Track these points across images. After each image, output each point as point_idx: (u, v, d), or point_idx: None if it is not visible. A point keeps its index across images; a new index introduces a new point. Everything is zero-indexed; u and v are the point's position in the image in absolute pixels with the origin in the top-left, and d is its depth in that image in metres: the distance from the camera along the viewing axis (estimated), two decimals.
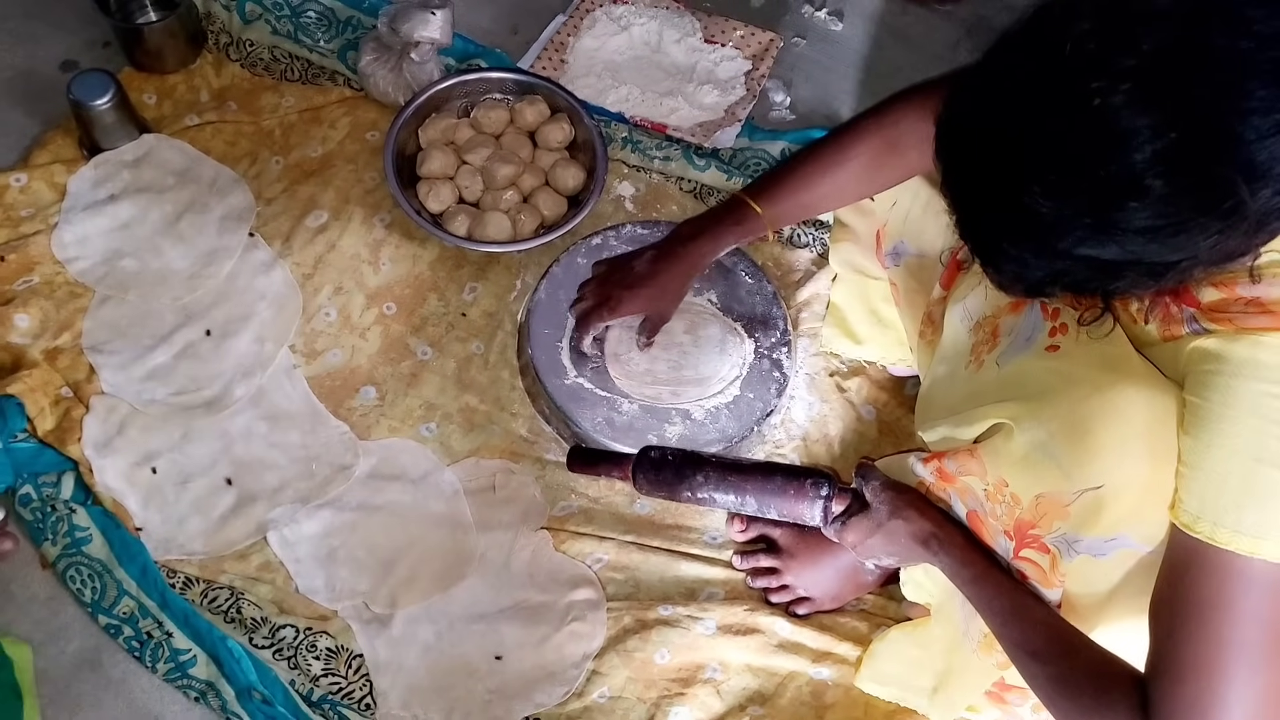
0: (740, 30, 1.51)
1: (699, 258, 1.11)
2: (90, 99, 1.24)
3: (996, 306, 0.90)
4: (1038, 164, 0.62)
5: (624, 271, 1.15)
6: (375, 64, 1.36)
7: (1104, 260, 0.63)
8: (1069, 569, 0.80)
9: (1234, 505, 0.68)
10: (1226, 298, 0.70)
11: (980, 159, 0.66)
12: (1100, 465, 0.75)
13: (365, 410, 1.20)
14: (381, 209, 1.33)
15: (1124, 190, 0.59)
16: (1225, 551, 0.68)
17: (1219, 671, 0.69)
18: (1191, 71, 0.57)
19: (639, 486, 1.03)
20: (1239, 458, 0.68)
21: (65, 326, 1.20)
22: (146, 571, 1.08)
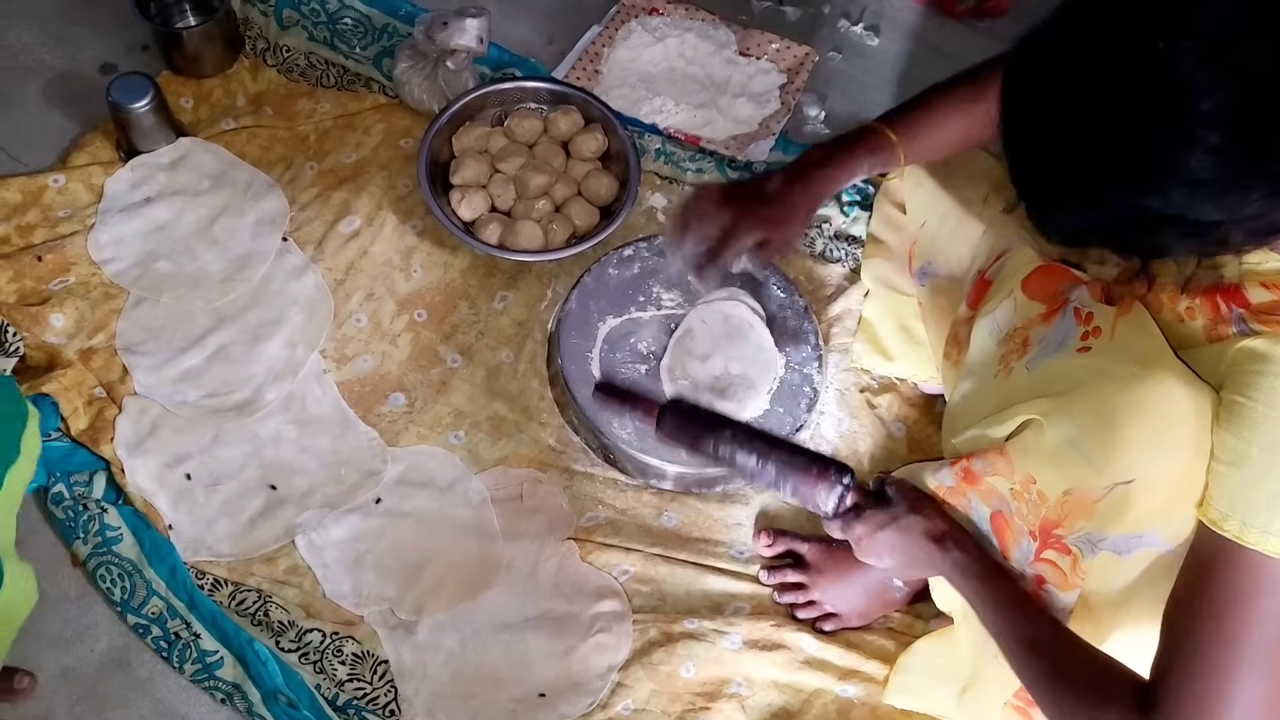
0: (776, 44, 1.50)
1: (830, 182, 1.02)
2: (129, 102, 1.25)
3: (1027, 318, 0.89)
4: (1095, 109, 0.62)
5: (751, 190, 1.03)
6: (410, 71, 1.36)
7: (1150, 214, 0.63)
8: (1090, 567, 0.80)
9: (1266, 505, 0.68)
10: (1277, 299, 0.70)
11: (1039, 103, 0.66)
12: (1130, 459, 0.74)
13: (394, 416, 1.20)
14: (414, 216, 1.33)
15: (1178, 141, 0.60)
16: (1252, 551, 0.68)
17: (1229, 669, 0.68)
18: (1256, 33, 0.58)
19: (661, 429, 0.98)
20: (1277, 458, 0.67)
21: (100, 327, 1.21)
22: (176, 572, 1.08)
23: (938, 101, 1.01)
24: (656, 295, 1.25)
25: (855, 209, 1.35)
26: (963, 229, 1.04)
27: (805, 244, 1.35)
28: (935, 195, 1.05)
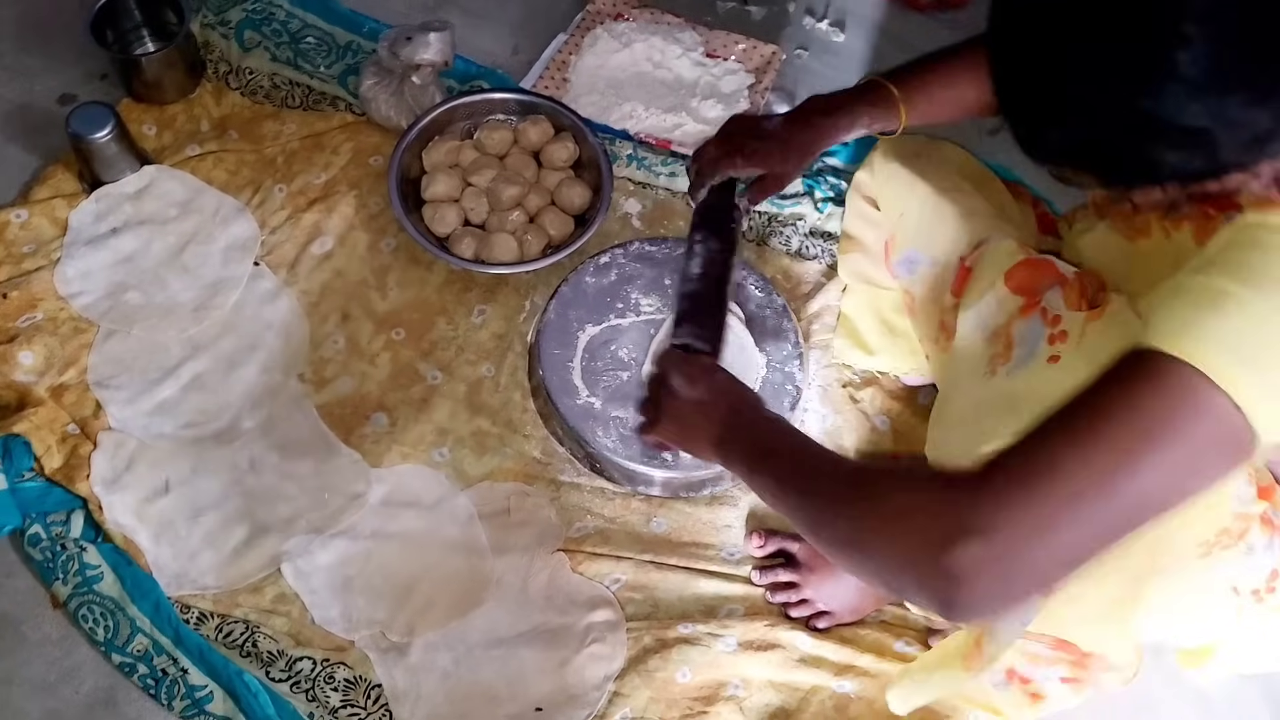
0: (742, 44, 1.50)
1: (832, 130, 1.02)
2: (89, 132, 1.24)
3: (1009, 313, 0.89)
4: (1086, 7, 0.62)
5: (753, 125, 1.06)
6: (376, 88, 1.35)
7: (1140, 120, 0.62)
8: None
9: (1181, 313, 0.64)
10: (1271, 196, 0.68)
11: (1029, 8, 0.65)
12: None
13: (377, 437, 1.19)
14: (387, 234, 1.32)
15: (1169, 36, 0.59)
16: (1160, 355, 0.63)
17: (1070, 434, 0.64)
18: None
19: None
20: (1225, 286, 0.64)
21: (70, 362, 1.19)
22: (159, 608, 1.07)
23: (943, 64, 1.00)
24: (635, 301, 1.24)
25: (829, 205, 1.36)
26: (943, 214, 1.05)
27: (781, 242, 1.35)
28: (911, 183, 1.06)
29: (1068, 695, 0.92)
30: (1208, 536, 0.79)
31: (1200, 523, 0.78)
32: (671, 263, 1.26)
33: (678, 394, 0.88)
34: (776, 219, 1.36)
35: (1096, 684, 0.91)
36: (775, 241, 1.34)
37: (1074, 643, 0.86)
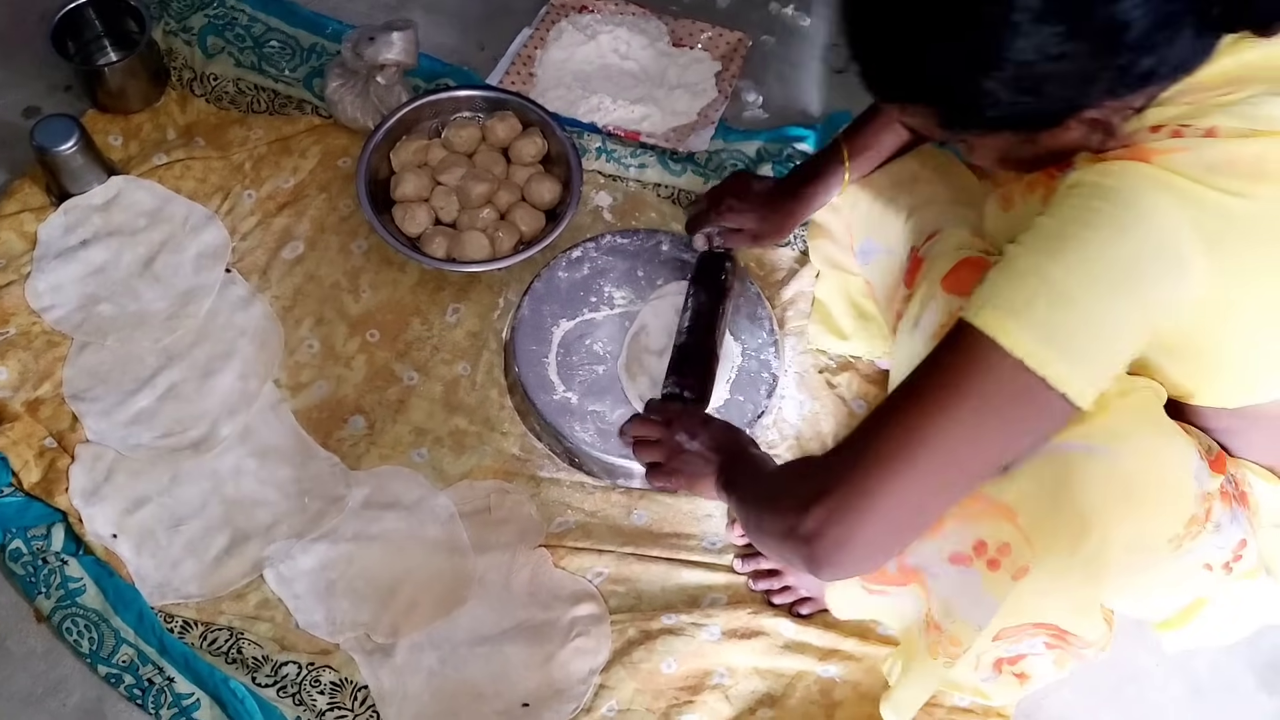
0: (708, 32, 1.50)
1: (814, 197, 1.14)
2: (55, 144, 1.23)
3: (949, 314, 0.89)
4: None
5: (742, 186, 1.19)
6: (342, 90, 1.35)
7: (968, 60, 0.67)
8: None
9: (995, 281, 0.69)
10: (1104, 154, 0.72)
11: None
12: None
13: (355, 440, 1.19)
14: (358, 236, 1.32)
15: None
16: (975, 330, 0.68)
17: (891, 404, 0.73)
18: None
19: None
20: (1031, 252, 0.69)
21: (45, 376, 1.19)
22: (143, 618, 1.07)
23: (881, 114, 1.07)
24: (609, 295, 1.24)
25: None
26: (896, 204, 1.05)
27: None
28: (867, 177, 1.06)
29: (1052, 669, 0.93)
30: (1178, 530, 0.79)
31: (1170, 518, 0.78)
32: (644, 254, 1.26)
33: (682, 446, 1.03)
34: None
35: (1078, 655, 0.92)
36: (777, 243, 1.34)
37: (1051, 623, 0.87)
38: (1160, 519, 0.78)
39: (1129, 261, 0.67)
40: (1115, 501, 0.75)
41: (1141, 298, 0.68)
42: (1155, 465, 0.77)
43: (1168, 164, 0.68)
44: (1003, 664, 0.94)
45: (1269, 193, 0.68)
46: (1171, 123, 0.70)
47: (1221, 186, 0.67)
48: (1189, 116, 0.70)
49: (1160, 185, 0.67)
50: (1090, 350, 0.68)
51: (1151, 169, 0.68)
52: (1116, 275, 0.67)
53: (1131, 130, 0.71)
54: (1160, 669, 1.14)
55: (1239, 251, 0.68)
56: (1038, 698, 1.08)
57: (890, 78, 0.73)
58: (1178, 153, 0.68)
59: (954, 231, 0.97)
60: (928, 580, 0.84)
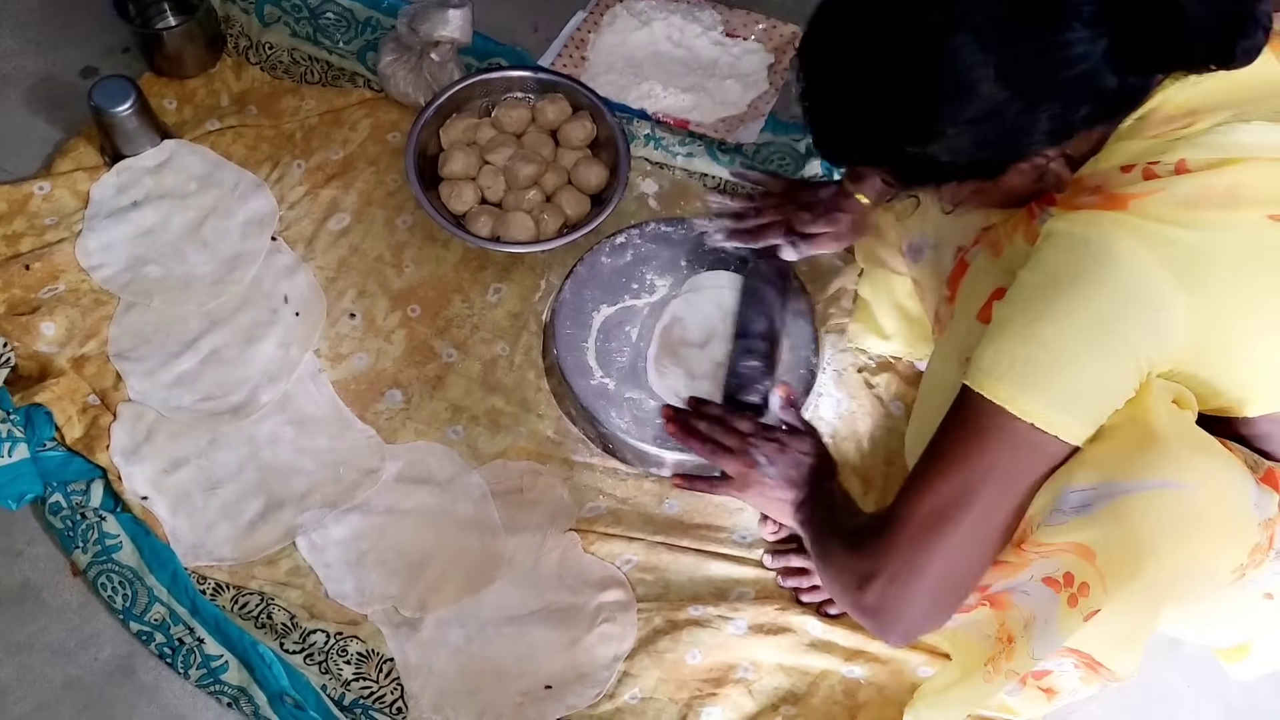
0: (762, 23, 1.49)
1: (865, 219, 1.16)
2: (111, 105, 1.24)
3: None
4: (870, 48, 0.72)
5: (808, 196, 1.19)
6: (395, 64, 1.35)
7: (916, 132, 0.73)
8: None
9: (994, 349, 0.75)
10: (1076, 188, 0.76)
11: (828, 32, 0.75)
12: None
13: (391, 414, 1.20)
14: (404, 211, 1.32)
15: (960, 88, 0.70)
16: (979, 396, 0.75)
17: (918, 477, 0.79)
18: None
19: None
20: (1021, 313, 0.75)
21: (91, 334, 1.20)
22: (177, 578, 1.08)
23: None
24: (650, 282, 1.24)
25: None
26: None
27: None
28: None
29: (1080, 686, 0.92)
30: (1242, 560, 0.78)
31: (1234, 549, 0.77)
32: (688, 243, 1.26)
33: (759, 466, 1.02)
34: None
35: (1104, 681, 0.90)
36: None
37: (1088, 653, 0.86)
38: (1228, 551, 0.77)
39: (1107, 311, 0.72)
40: (1187, 537, 0.74)
41: (1126, 342, 0.73)
42: (1223, 496, 0.75)
43: (1143, 208, 0.72)
44: (1028, 677, 0.93)
45: (1246, 218, 0.71)
46: (1140, 160, 0.73)
47: (1196, 223, 0.71)
48: (1156, 153, 0.73)
49: (1130, 230, 0.72)
50: (1088, 400, 0.74)
51: (1124, 216, 0.72)
52: (1099, 326, 0.72)
53: (1103, 170, 0.75)
54: (1191, 689, 1.12)
55: (1219, 283, 0.72)
56: (1065, 713, 1.07)
57: (841, 149, 0.80)
58: (1153, 194, 0.72)
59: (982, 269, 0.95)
60: (1013, 599, 0.83)
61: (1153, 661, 0.96)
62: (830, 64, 0.75)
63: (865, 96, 0.73)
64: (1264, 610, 0.84)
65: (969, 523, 0.77)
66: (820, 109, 0.77)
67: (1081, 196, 0.75)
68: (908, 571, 0.78)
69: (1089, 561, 0.77)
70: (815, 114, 0.78)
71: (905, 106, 0.72)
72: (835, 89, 0.75)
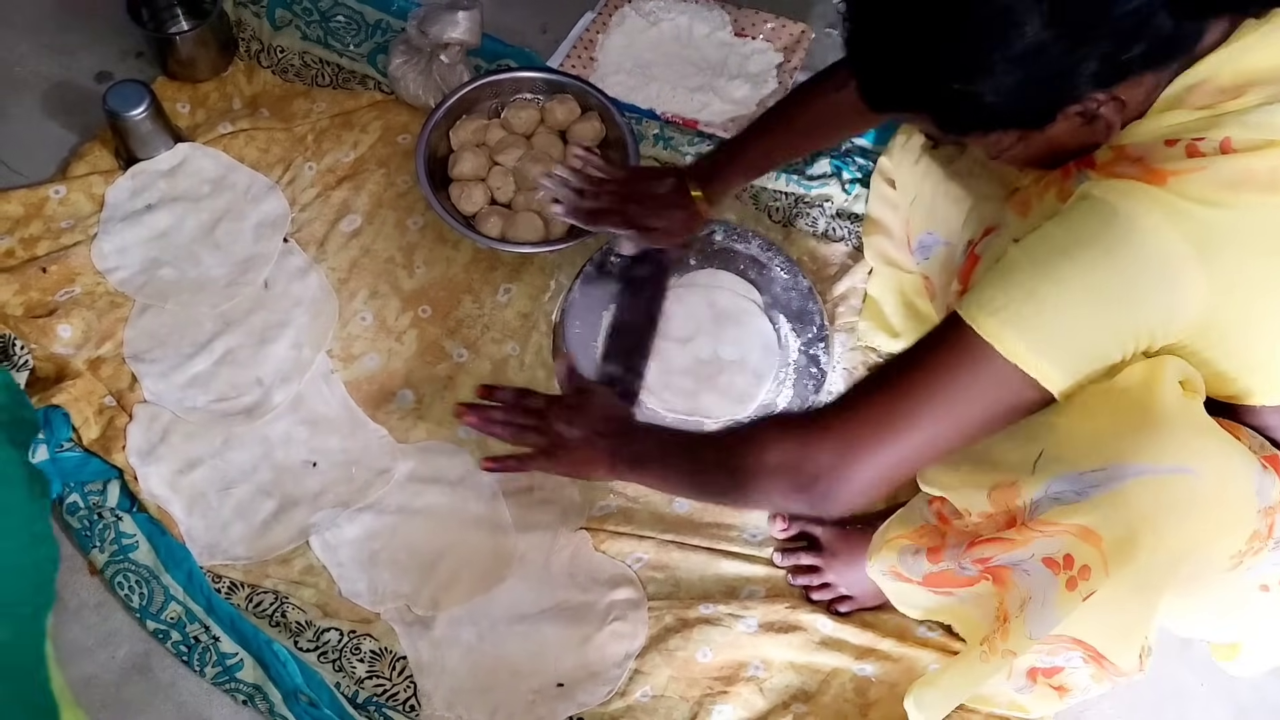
0: (771, 23, 1.49)
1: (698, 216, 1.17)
2: (126, 109, 1.25)
3: None
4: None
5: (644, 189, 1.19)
6: (405, 67, 1.36)
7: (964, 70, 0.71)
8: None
9: (991, 284, 0.75)
10: (1117, 155, 0.75)
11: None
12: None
13: (403, 413, 1.21)
14: (414, 212, 1.33)
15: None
16: (967, 327, 0.74)
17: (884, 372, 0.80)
18: None
19: None
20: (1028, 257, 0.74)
21: (107, 336, 1.22)
22: (192, 577, 1.09)
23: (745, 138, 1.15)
24: None
25: (856, 186, 1.34)
26: (953, 197, 1.04)
27: (808, 224, 1.34)
28: (926, 167, 1.05)
29: (1091, 683, 0.92)
30: (1240, 546, 0.78)
31: (1233, 535, 0.77)
32: (697, 242, 1.26)
33: (563, 434, 1.01)
34: (804, 200, 1.35)
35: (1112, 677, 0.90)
36: (802, 223, 1.34)
37: (1090, 644, 0.86)
38: (1227, 537, 0.77)
39: (1115, 279, 0.72)
40: (1189, 522, 0.74)
41: (1127, 310, 0.73)
42: (1226, 482, 0.75)
43: (1182, 186, 0.71)
44: (1038, 674, 0.93)
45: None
46: (1185, 135, 0.72)
47: (1231, 204, 0.70)
48: (1202, 128, 0.71)
49: (1161, 206, 0.71)
50: (1074, 354, 0.74)
51: (1159, 192, 0.71)
52: (1103, 290, 0.72)
53: (1147, 141, 0.73)
54: (1204, 688, 1.12)
55: (1242, 263, 0.71)
56: (1077, 711, 1.07)
57: (885, 90, 0.78)
58: (1194, 173, 0.71)
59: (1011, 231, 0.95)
60: (1014, 576, 0.83)
61: (1164, 660, 0.96)
62: (876, 3, 0.74)
63: (911, 33, 0.72)
64: (1260, 603, 0.84)
65: (917, 432, 0.78)
66: (866, 50, 0.76)
67: (1122, 165, 0.74)
68: (861, 442, 0.79)
69: (1093, 545, 0.77)
70: (861, 56, 0.77)
71: (952, 42, 0.71)
72: (881, 28, 0.74)
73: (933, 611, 1.02)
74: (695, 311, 1.21)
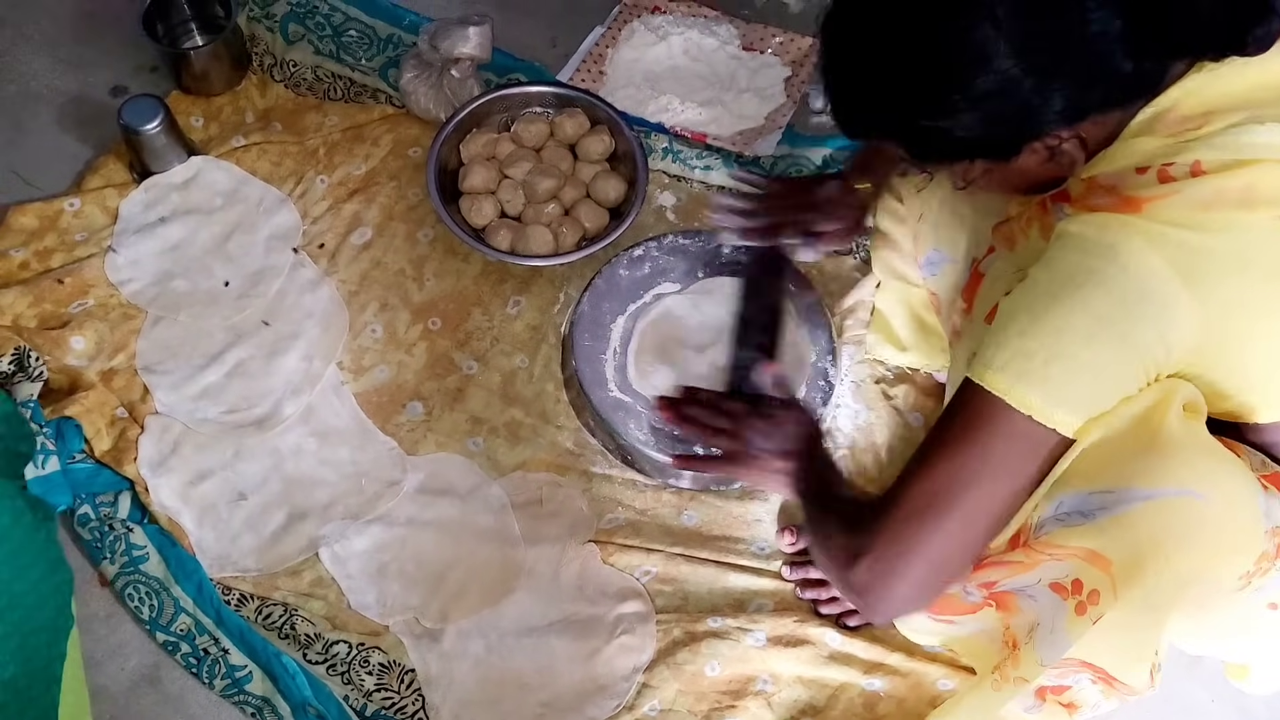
0: (779, 36, 1.50)
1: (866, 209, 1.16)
2: (140, 124, 1.27)
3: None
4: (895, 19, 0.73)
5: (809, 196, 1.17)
6: (416, 81, 1.37)
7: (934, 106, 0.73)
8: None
9: (997, 344, 0.75)
10: (1090, 187, 0.76)
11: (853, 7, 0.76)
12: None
13: (412, 425, 1.21)
14: (425, 225, 1.34)
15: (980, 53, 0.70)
16: (977, 386, 0.75)
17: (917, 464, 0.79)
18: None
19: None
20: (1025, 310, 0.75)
21: (120, 348, 1.22)
22: (202, 589, 1.09)
23: None
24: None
25: None
26: (959, 214, 1.04)
27: None
28: (933, 187, 1.06)
29: (1100, 700, 0.91)
30: (1248, 567, 0.78)
31: (1242, 556, 0.77)
32: (706, 255, 1.26)
33: (753, 444, 1.00)
34: None
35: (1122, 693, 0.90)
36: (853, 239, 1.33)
37: (1100, 666, 0.85)
38: (1236, 558, 0.77)
39: (1109, 311, 0.73)
40: (1198, 544, 0.74)
41: (1127, 342, 0.74)
42: (1234, 504, 0.75)
43: (1157, 211, 0.72)
44: (1047, 693, 0.92)
45: (1259, 219, 0.71)
46: (1155, 161, 0.73)
47: (1209, 225, 0.71)
48: (1171, 154, 0.73)
49: (1139, 233, 0.72)
50: (1076, 392, 0.74)
51: (1136, 220, 0.72)
52: (1100, 325, 0.73)
53: (1118, 170, 0.75)
54: (1216, 704, 1.11)
55: (1226, 283, 0.72)
56: None
57: (856, 120, 0.80)
58: (1168, 197, 0.72)
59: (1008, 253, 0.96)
60: (1019, 601, 0.83)
61: (1174, 675, 0.95)
62: (849, 36, 0.76)
63: (882, 68, 0.74)
64: (1269, 622, 0.83)
65: (960, 509, 0.77)
66: (839, 80, 0.78)
67: (1096, 197, 0.75)
68: (896, 552, 0.78)
69: (1101, 569, 0.77)
70: (835, 85, 0.79)
71: (920, 79, 0.73)
72: (854, 60, 0.76)
73: (939, 638, 1.02)
74: (714, 318, 1.21)
